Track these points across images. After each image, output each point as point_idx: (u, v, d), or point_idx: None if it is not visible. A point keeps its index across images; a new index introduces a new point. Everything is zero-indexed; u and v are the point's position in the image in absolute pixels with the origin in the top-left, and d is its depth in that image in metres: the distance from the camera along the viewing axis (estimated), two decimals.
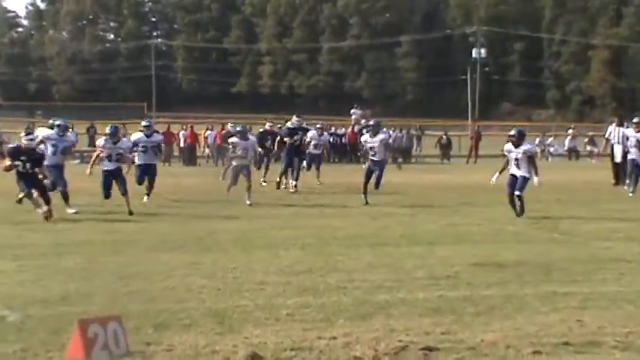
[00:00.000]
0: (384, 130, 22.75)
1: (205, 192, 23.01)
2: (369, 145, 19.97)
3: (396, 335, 7.65)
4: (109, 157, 18.08)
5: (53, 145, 18.09)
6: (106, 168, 18.11)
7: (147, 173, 20.11)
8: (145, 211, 17.70)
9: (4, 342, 7.32)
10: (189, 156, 43.72)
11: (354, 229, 15.38)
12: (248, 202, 19.22)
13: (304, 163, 25.36)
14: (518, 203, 16.92)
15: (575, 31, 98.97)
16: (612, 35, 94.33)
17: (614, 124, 27.09)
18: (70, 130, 22.05)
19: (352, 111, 26.50)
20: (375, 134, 20.09)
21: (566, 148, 52.20)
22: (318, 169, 26.19)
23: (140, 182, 20.18)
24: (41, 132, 18.86)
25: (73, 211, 17.26)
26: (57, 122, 19.05)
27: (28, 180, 16.39)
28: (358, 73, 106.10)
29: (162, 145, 23.26)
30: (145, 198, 19.85)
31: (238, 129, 21.56)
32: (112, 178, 18.03)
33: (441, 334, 7.71)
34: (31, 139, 16.90)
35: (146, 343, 7.31)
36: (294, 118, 25.02)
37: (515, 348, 7.28)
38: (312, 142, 25.76)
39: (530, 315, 8.53)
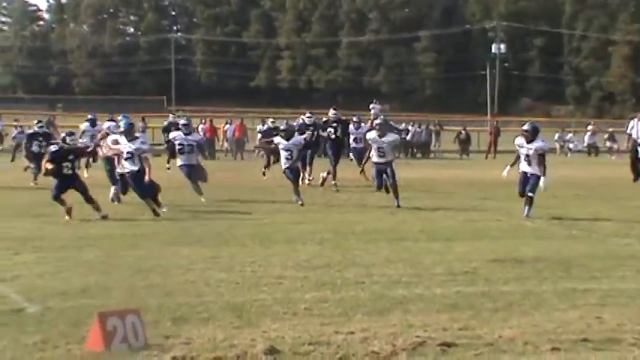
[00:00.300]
0: (396, 130, 22.24)
1: (224, 186, 23.03)
2: (375, 146, 18.40)
3: (414, 331, 7.65)
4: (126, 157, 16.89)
5: (127, 152, 16.81)
6: (127, 169, 16.87)
7: (192, 173, 19.14)
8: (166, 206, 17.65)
9: (24, 333, 7.37)
10: (208, 150, 43.74)
11: (372, 224, 15.37)
12: (300, 202, 18.13)
13: (351, 156, 24.56)
14: (527, 201, 16.28)
15: (596, 27, 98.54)
16: (633, 31, 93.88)
17: (636, 119, 26.90)
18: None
19: (371, 106, 26.48)
20: (383, 134, 18.45)
21: (585, 144, 51.96)
22: (360, 163, 24.48)
23: (191, 179, 19.22)
24: (114, 138, 17.54)
25: (164, 210, 16.62)
26: (122, 123, 17.62)
27: (68, 181, 15.63)
28: (377, 68, 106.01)
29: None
30: (202, 198, 18.76)
31: (283, 127, 19.73)
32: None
33: (458, 330, 7.71)
34: (73, 139, 16.29)
35: (165, 337, 7.34)
36: (331, 112, 24.05)
37: (534, 344, 7.27)
38: (352, 137, 24.42)
39: (548, 311, 8.51)
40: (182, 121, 20.21)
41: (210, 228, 14.60)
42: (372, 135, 18.79)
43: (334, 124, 23.57)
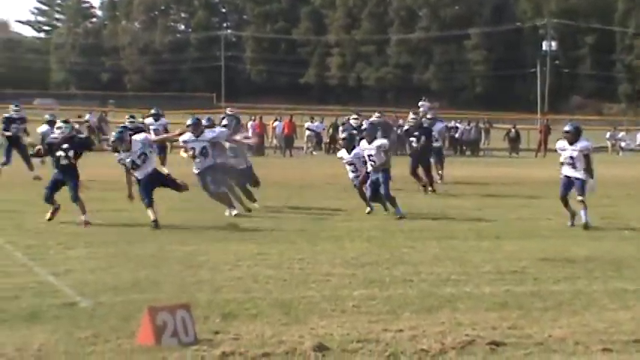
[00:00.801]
0: (445, 127, 21.20)
1: (272, 183, 23.09)
2: (366, 153, 16.55)
3: (463, 329, 7.63)
4: (195, 154, 15.89)
5: (191, 149, 15.94)
6: (197, 170, 15.96)
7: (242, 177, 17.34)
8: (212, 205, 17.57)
9: (77, 327, 7.47)
10: (257, 147, 43.93)
11: (419, 222, 15.33)
12: (398, 216, 16.11)
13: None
14: (581, 207, 14.97)
15: None
16: None
17: None
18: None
19: (420, 103, 26.40)
20: (372, 140, 16.63)
21: (637, 142, 51.38)
22: (440, 163, 23.43)
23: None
24: (182, 138, 16.21)
25: (234, 213, 15.69)
26: (187, 122, 16.43)
27: (67, 174, 14.84)
28: (426, 66, 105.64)
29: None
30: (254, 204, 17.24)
31: (344, 135, 17.89)
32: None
33: (507, 329, 7.67)
34: (60, 127, 15.22)
35: (214, 332, 7.40)
36: (411, 116, 22.54)
37: (584, 344, 7.21)
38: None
39: (599, 311, 8.43)
40: (224, 122, 18.98)
41: (258, 225, 14.66)
42: (362, 143, 17.03)
43: (417, 132, 21.57)
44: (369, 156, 16.52)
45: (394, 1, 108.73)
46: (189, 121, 16.42)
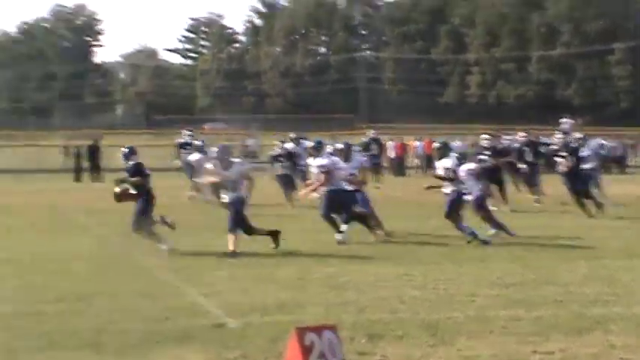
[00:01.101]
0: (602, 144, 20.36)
1: (413, 203, 23.04)
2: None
3: (617, 352, 7.42)
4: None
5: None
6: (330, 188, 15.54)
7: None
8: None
9: (226, 348, 7.62)
10: (399, 167, 43.92)
11: (567, 241, 15.00)
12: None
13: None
14: None
15: None
16: None
17: None
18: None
19: (562, 121, 25.68)
20: (440, 158, 15.75)
21: None
22: (597, 185, 21.57)
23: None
24: (321, 162, 15.66)
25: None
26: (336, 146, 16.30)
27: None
28: (568, 82, 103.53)
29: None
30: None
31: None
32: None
33: None
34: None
35: (360, 353, 7.42)
36: (557, 135, 21.64)
37: None
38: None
39: None
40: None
41: (402, 246, 14.64)
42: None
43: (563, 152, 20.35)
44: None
45: (535, 18, 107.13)
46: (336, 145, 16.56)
